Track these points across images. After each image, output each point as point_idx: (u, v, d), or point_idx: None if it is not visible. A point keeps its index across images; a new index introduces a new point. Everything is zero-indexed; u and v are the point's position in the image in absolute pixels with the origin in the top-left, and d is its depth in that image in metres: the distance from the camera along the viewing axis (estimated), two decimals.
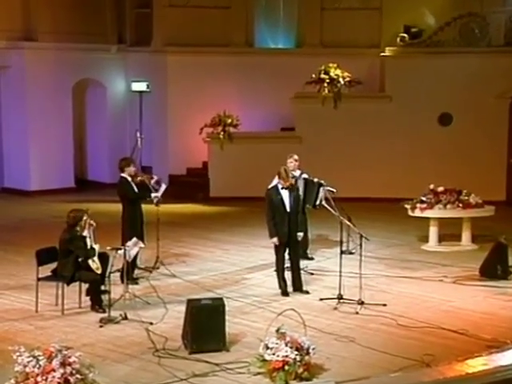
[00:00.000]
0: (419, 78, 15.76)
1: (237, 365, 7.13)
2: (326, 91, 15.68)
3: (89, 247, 8.68)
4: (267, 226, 9.41)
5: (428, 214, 11.87)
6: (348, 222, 9.59)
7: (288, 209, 9.35)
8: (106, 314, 8.45)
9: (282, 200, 9.35)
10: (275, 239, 9.34)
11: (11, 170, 16.83)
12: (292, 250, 9.50)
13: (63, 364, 6.23)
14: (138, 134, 11.83)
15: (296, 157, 10.66)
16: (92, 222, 8.75)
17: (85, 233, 8.71)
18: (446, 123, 15.98)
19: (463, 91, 15.60)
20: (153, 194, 10.15)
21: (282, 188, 9.39)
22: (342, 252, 9.40)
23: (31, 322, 8.38)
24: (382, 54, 16.33)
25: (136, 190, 9.98)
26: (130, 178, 9.92)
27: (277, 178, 9.59)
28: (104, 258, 8.78)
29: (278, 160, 10.46)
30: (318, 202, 10.52)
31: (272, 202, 9.37)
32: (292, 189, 9.46)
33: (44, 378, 6.17)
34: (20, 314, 8.65)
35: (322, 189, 10.52)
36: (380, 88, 16.43)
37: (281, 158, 10.68)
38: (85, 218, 8.73)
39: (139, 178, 10.06)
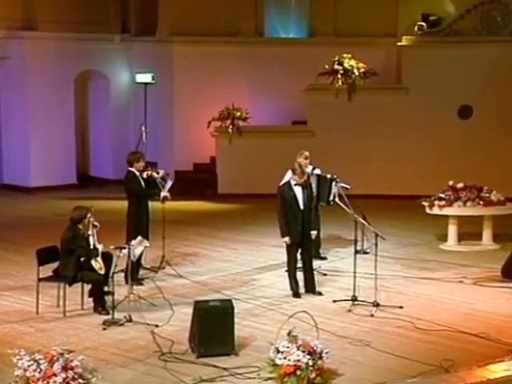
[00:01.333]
0: (438, 68, 15.70)
1: (246, 369, 7.14)
2: (340, 83, 15.66)
3: (92, 246, 8.70)
4: (279, 224, 9.41)
5: (447, 211, 11.84)
6: (363, 220, 9.57)
7: (301, 206, 9.34)
8: (109, 316, 8.46)
9: (295, 197, 9.33)
10: (287, 238, 9.34)
11: (11, 166, 16.90)
12: (304, 249, 9.49)
13: (65, 368, 6.25)
14: (143, 128, 11.87)
15: (307, 154, 10.57)
16: (96, 222, 8.76)
17: (88, 231, 8.73)
18: (465, 116, 15.92)
19: (484, 82, 15.54)
20: (162, 194, 10.15)
21: (295, 184, 9.38)
22: (356, 252, 9.39)
23: (32, 324, 8.41)
24: (399, 43, 16.29)
25: (143, 185, 10.00)
26: (138, 173, 9.96)
27: (289, 173, 9.59)
28: (107, 258, 8.80)
29: (290, 155, 10.45)
30: (331, 198, 10.51)
31: (284, 200, 9.36)
32: (305, 185, 9.45)
33: (45, 382, 6.19)
34: (20, 316, 8.68)
35: (334, 184, 10.52)
36: (396, 79, 16.39)
37: (292, 152, 10.66)
38: (88, 216, 8.75)
39: (147, 173, 10.07)
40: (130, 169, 9.98)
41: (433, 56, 15.76)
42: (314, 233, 9.54)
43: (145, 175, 10.06)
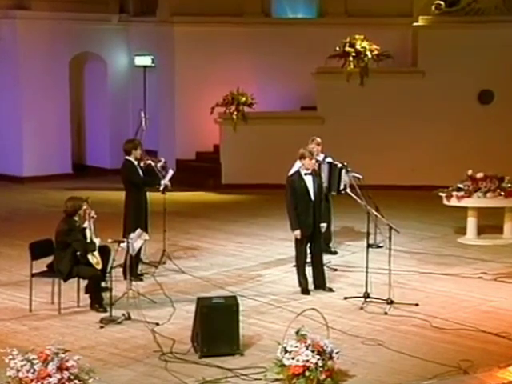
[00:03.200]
0: (456, 50, 15.64)
1: (252, 370, 7.16)
2: (352, 66, 15.61)
3: (88, 240, 8.71)
4: (289, 216, 9.39)
5: (466, 203, 11.83)
6: (376, 212, 9.57)
7: (312, 197, 9.33)
8: (107, 314, 8.49)
9: (306, 187, 9.32)
10: (298, 232, 9.32)
11: (2, 154, 16.89)
12: (314, 243, 9.48)
13: (60, 369, 6.27)
14: (142, 114, 11.85)
15: (319, 140, 10.66)
16: (93, 213, 8.77)
17: (85, 224, 8.74)
18: (486, 101, 15.87)
19: (506, 65, 15.47)
20: (162, 182, 10.18)
21: (306, 174, 9.36)
22: (369, 245, 9.39)
23: (25, 322, 8.45)
24: (415, 23, 16.22)
25: (142, 175, 9.99)
26: (136, 162, 9.95)
27: (298, 163, 9.57)
28: (105, 252, 8.81)
29: (298, 143, 10.42)
30: (341, 187, 10.52)
31: (295, 190, 9.34)
32: (315, 174, 9.45)
33: (39, 383, 6.21)
34: (12, 314, 8.71)
35: (344, 172, 10.53)
36: (412, 62, 16.33)
37: (301, 140, 10.65)
38: (84, 207, 8.75)
39: (146, 162, 10.08)
40: (128, 158, 9.96)
41: (451, 37, 15.69)
42: (323, 225, 9.53)
43: (142, 164, 10.06)
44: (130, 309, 8.51)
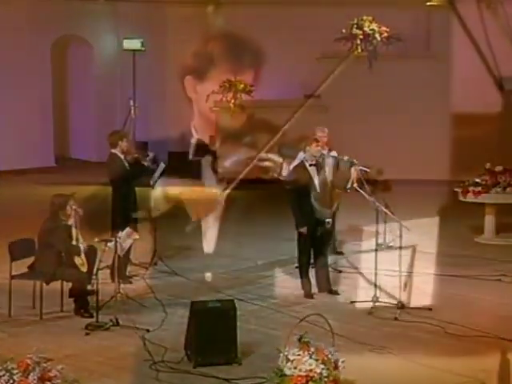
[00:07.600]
0: (475, 32, 15.63)
1: (251, 380, 7.17)
2: (359, 50, 15.61)
3: (74, 239, 8.71)
4: (293, 213, 9.41)
5: (483, 199, 11.85)
6: (385, 209, 9.58)
7: (318, 190, 9.35)
8: (93, 320, 8.51)
9: (310, 179, 9.34)
10: (305, 229, 9.33)
11: None
12: (319, 242, 9.50)
13: (42, 379, 6.28)
14: (131, 103, 11.89)
15: (326, 130, 10.66)
16: (79, 208, 8.77)
17: (69, 222, 8.75)
18: (507, 88, 15.86)
19: None
20: (156, 174, 10.20)
21: (310, 165, 9.37)
22: (377, 245, 9.39)
23: (4, 329, 8.45)
24: (429, 3, 16.23)
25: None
26: (122, 156, 9.93)
27: (301, 154, 9.59)
28: (91, 253, 8.82)
29: (301, 133, 10.45)
30: (349, 185, 10.52)
31: (299, 183, 9.36)
32: (319, 164, 9.47)
33: None
34: None
35: (353, 169, 10.53)
36: (425, 45, 16.34)
37: (304, 130, 10.66)
38: (71, 203, 8.74)
39: (133, 156, 10.08)
40: (113, 151, 9.93)
41: (469, 17, 15.67)
42: (329, 221, 9.54)
43: (129, 158, 10.04)
44: (119, 314, 8.52)
